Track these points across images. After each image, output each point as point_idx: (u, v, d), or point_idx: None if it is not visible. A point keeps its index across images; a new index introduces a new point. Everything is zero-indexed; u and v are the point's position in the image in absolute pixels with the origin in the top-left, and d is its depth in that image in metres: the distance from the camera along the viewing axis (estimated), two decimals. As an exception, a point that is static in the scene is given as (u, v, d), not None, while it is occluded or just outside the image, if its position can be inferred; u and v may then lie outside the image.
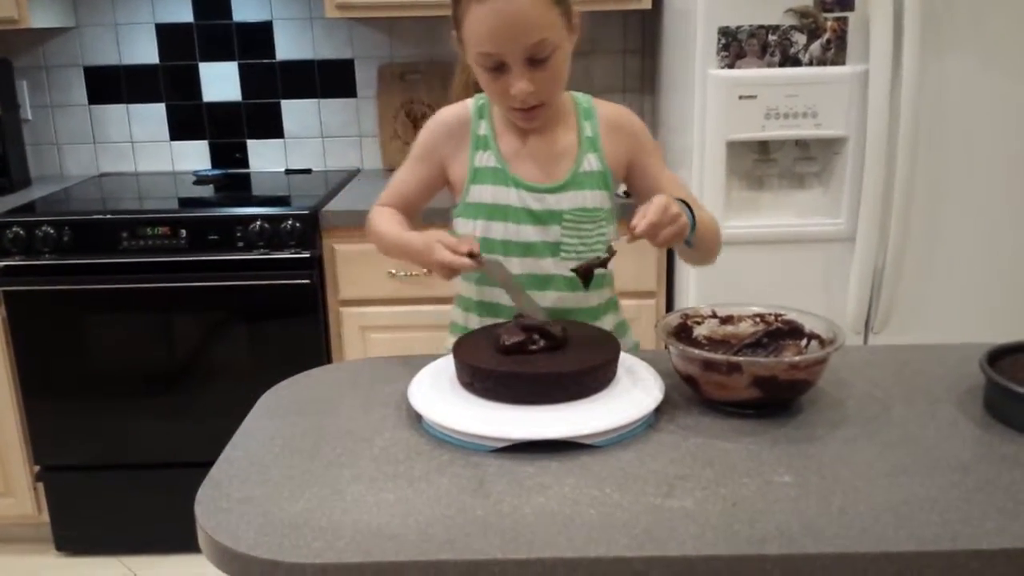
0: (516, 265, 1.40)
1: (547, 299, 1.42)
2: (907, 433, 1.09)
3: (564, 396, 1.12)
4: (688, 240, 1.29)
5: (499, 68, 1.28)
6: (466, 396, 1.15)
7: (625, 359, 1.23)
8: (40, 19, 2.58)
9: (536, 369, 1.13)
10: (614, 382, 1.18)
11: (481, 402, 1.13)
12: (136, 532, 2.47)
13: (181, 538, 0.96)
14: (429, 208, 1.52)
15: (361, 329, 2.36)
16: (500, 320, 1.36)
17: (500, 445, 1.05)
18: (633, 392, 1.15)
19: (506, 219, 1.40)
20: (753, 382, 1.10)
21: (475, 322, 1.46)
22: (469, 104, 1.44)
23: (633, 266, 2.29)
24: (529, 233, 1.40)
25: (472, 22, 1.25)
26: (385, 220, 1.46)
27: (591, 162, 1.41)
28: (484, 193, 1.41)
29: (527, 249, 1.41)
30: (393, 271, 2.31)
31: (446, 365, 1.23)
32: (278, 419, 1.18)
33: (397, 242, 1.41)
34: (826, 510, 0.92)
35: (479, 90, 1.42)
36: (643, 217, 1.18)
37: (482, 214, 1.41)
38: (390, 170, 2.87)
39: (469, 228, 1.42)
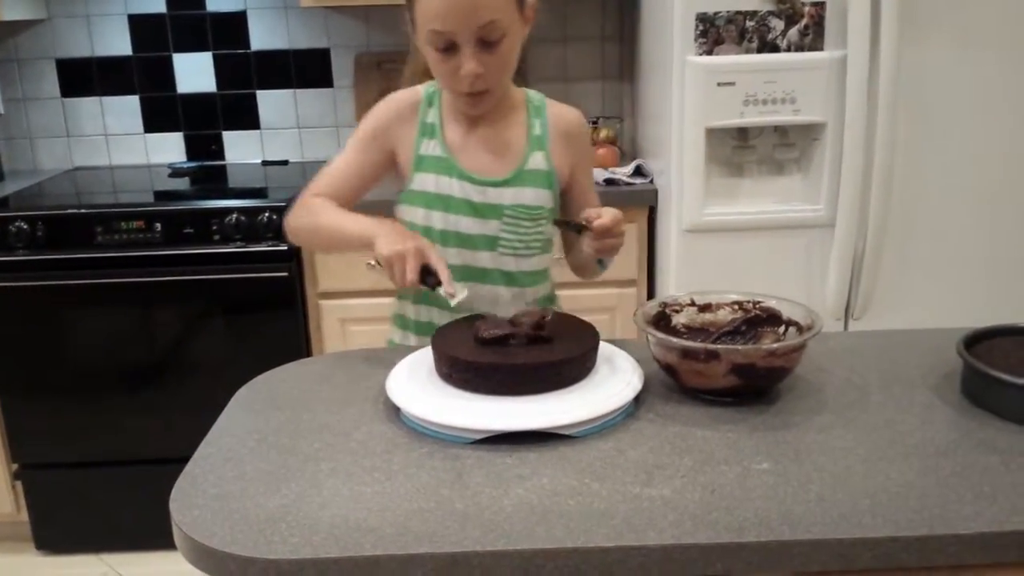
0: (454, 256, 1.40)
1: (483, 291, 1.42)
2: (884, 419, 1.09)
3: (543, 387, 1.11)
4: (604, 263, 1.48)
5: (449, 48, 1.27)
6: (444, 388, 1.14)
7: (605, 348, 1.23)
8: (11, 11, 2.54)
9: (514, 360, 1.12)
10: (593, 372, 1.17)
11: (460, 393, 1.13)
12: (117, 529, 2.45)
13: (162, 535, 0.96)
14: (374, 200, 1.46)
15: (341, 322, 2.35)
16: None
17: (479, 437, 1.04)
18: (612, 381, 1.14)
19: (447, 209, 1.39)
20: (731, 370, 1.10)
21: (413, 340, 1.48)
22: (420, 90, 1.43)
23: (613, 254, 2.29)
24: (468, 225, 1.40)
25: (425, 0, 1.25)
26: (326, 205, 1.41)
27: (537, 160, 1.41)
28: (427, 182, 1.40)
29: (465, 241, 1.40)
30: (372, 263, 2.30)
31: (424, 357, 1.22)
32: (254, 414, 1.17)
33: (342, 227, 1.36)
34: (804, 497, 0.92)
35: (430, 77, 1.41)
36: (599, 217, 1.28)
37: (423, 203, 1.40)
38: (369, 161, 2.85)
39: (411, 216, 1.41)
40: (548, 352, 1.14)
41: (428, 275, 1.25)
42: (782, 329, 1.21)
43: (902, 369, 1.24)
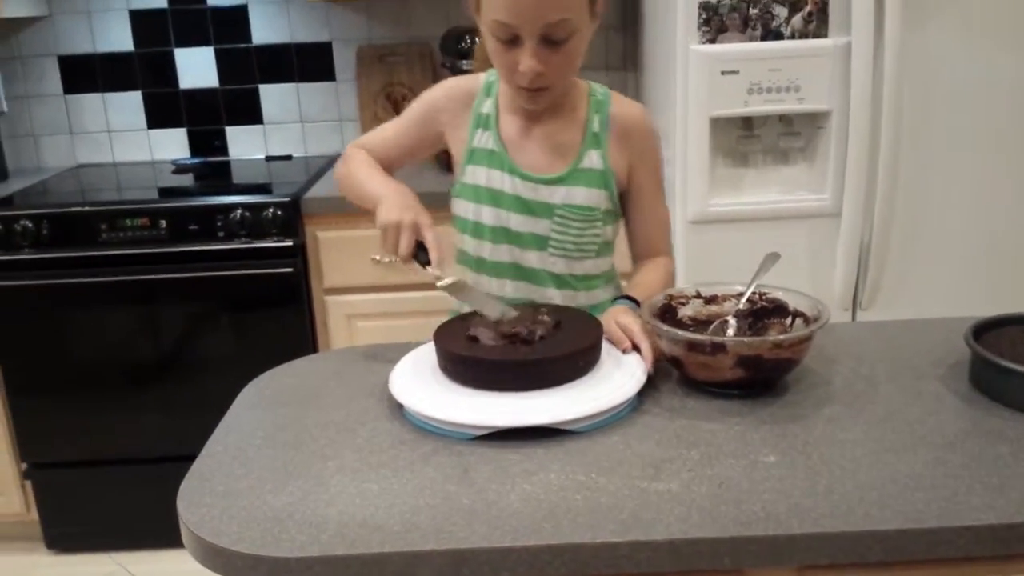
0: (504, 253, 1.37)
1: (532, 294, 1.38)
2: (893, 410, 1.09)
3: (545, 382, 1.11)
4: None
5: (512, 41, 1.22)
6: (447, 384, 1.14)
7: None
8: (12, 8, 2.53)
9: (516, 356, 1.11)
10: (598, 365, 1.16)
11: (462, 389, 1.12)
12: (126, 528, 2.46)
13: (172, 533, 0.96)
14: (427, 193, 1.46)
15: (347, 317, 2.34)
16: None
17: (479, 433, 1.04)
18: (616, 375, 1.14)
19: (497, 205, 1.36)
20: (738, 362, 1.10)
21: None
22: (481, 78, 1.39)
23: (619, 247, 2.27)
24: (518, 223, 1.35)
25: None
26: (366, 160, 1.41)
27: (592, 159, 1.35)
28: (478, 175, 1.36)
29: (514, 238, 1.36)
30: (377, 257, 2.29)
31: (428, 353, 1.22)
32: (260, 411, 1.17)
33: (363, 184, 1.37)
34: (812, 490, 0.91)
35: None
36: (651, 351, 1.17)
37: (473, 197, 1.37)
38: (372, 154, 2.85)
39: (463, 210, 1.38)
40: (550, 348, 1.13)
41: (422, 251, 1.24)
42: (789, 320, 1.20)
43: (910, 359, 1.23)
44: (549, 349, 1.13)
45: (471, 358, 1.12)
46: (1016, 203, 2.15)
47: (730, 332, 1.20)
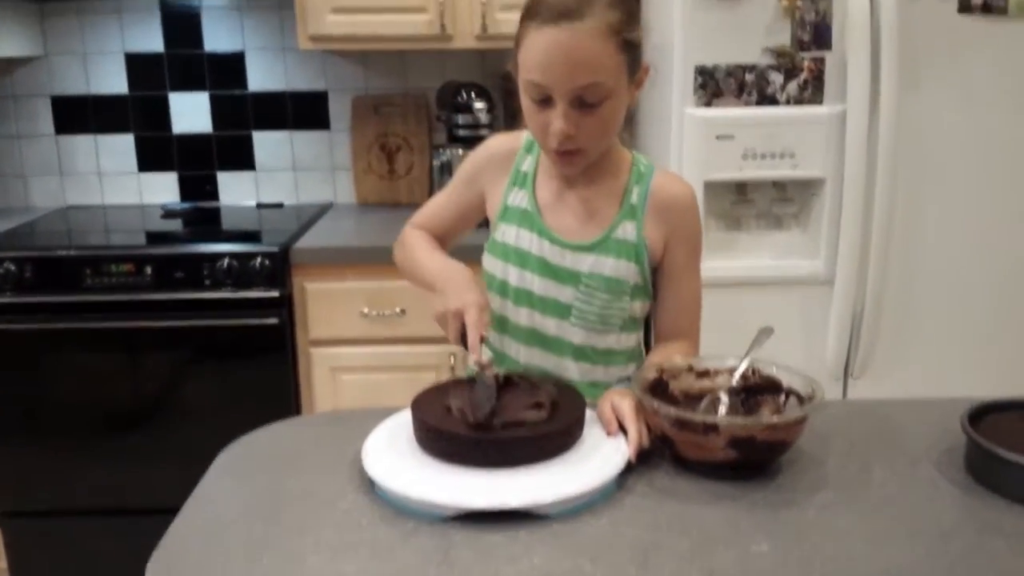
0: (525, 316, 1.35)
1: (547, 363, 1.36)
2: (887, 496, 1.06)
3: (524, 460, 1.07)
4: None
5: (545, 101, 1.21)
6: (421, 457, 1.11)
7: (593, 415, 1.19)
8: (7, 48, 2.53)
9: (493, 435, 1.08)
10: (580, 446, 1.13)
11: (435, 463, 1.09)
12: (97, 579, 2.39)
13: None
14: (462, 245, 1.46)
15: (332, 370, 2.31)
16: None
17: (450, 514, 1.00)
18: (602, 450, 1.10)
19: (522, 266, 1.33)
20: (730, 443, 1.07)
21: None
22: (523, 136, 1.38)
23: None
24: (541, 287, 1.33)
25: (527, 46, 1.19)
26: (418, 241, 1.42)
27: (626, 230, 1.32)
28: (508, 234, 1.35)
29: (535, 303, 1.34)
30: (365, 310, 2.27)
31: (405, 420, 1.18)
32: (236, 480, 1.13)
33: (423, 269, 1.37)
34: (806, 585, 0.88)
35: None
36: (637, 438, 1.12)
37: (502, 255, 1.35)
38: (364, 204, 2.83)
39: (492, 267, 1.37)
40: (531, 427, 1.10)
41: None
42: (782, 398, 1.18)
43: (904, 442, 1.21)
44: (527, 430, 1.09)
45: (442, 432, 1.09)
46: (1013, 274, 2.14)
47: (722, 410, 1.17)
